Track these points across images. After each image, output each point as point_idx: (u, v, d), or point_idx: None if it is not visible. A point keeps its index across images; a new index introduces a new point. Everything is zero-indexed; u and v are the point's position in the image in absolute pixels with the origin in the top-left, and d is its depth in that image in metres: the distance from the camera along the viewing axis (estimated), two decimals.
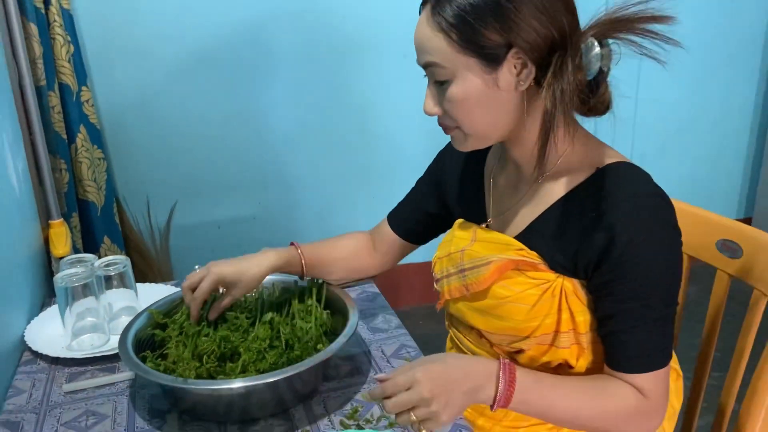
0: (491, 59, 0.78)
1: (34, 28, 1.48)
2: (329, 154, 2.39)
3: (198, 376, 0.90)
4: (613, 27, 0.79)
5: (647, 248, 0.78)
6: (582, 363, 0.86)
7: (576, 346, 0.85)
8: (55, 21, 1.59)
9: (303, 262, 1.07)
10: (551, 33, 0.78)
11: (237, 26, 2.14)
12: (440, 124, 0.88)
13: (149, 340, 1.01)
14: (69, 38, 1.64)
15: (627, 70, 0.84)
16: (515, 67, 0.79)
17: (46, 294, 1.34)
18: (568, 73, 0.77)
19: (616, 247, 0.78)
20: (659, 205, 0.80)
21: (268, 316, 1.01)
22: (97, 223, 1.74)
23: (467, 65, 0.79)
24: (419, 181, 1.14)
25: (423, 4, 0.83)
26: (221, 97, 2.21)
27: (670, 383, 0.92)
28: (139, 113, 2.13)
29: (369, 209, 2.48)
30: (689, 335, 1.27)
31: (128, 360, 0.91)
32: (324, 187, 2.42)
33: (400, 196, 1.17)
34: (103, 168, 1.79)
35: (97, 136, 1.76)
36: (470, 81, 0.80)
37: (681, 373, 0.98)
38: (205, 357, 0.93)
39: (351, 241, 1.16)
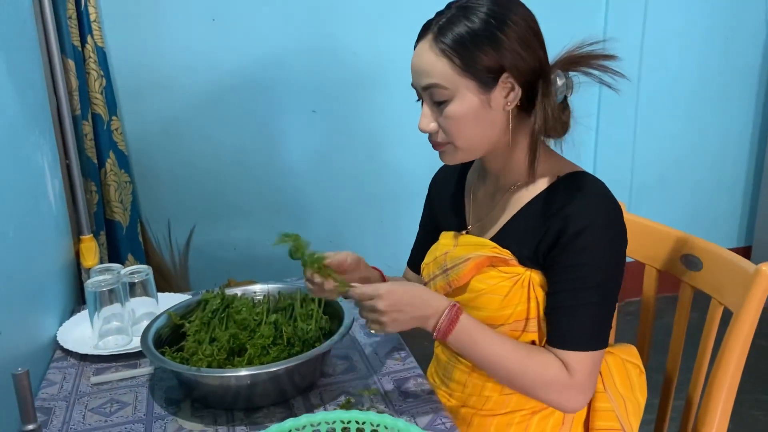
0: (486, 82, 0.91)
1: (71, 63, 1.65)
2: (340, 182, 2.52)
3: (209, 367, 1.02)
4: (573, 62, 0.93)
5: (593, 237, 0.91)
6: None
7: (539, 332, 0.97)
8: (90, 57, 1.76)
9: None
10: (533, 63, 0.92)
11: (255, 62, 2.31)
12: (432, 141, 0.99)
13: (167, 338, 1.13)
14: (102, 72, 1.80)
15: (625, 103, 0.97)
16: (504, 89, 0.92)
17: (76, 302, 1.48)
18: (552, 96, 0.92)
19: (568, 232, 0.91)
20: (609, 205, 0.93)
21: (273, 317, 1.13)
22: (123, 241, 1.89)
23: (466, 86, 0.91)
24: (421, 220, 1.27)
25: (423, 34, 0.94)
26: (239, 128, 2.37)
27: (633, 379, 1.03)
28: (163, 141, 2.29)
29: (377, 234, 2.61)
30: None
31: (149, 352, 1.03)
32: (334, 212, 2.55)
33: (407, 221, 1.29)
34: (129, 191, 1.93)
35: (124, 162, 1.91)
36: (468, 100, 0.92)
37: (643, 369, 1.08)
38: (215, 350, 1.05)
39: None
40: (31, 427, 0.84)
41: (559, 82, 0.94)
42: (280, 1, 2.26)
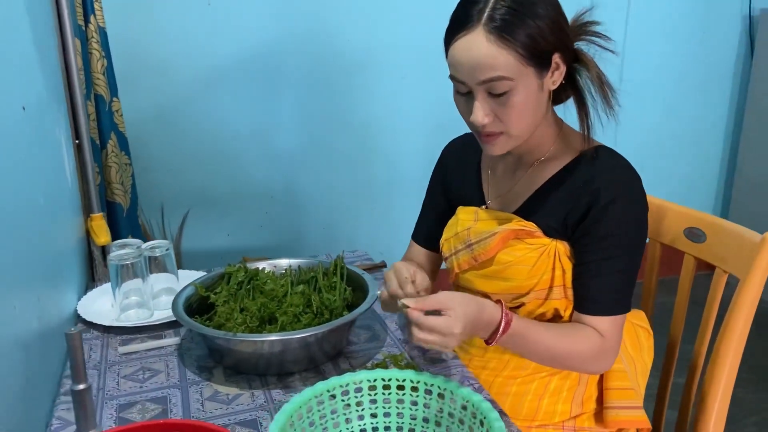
0: (543, 66, 0.93)
1: (78, 42, 1.64)
2: (333, 168, 2.55)
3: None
4: (577, 33, 0.99)
5: (621, 209, 0.96)
6: (568, 313, 1.03)
7: (565, 299, 1.02)
8: (92, 37, 1.75)
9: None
10: (571, 39, 0.97)
11: (250, 48, 2.32)
12: (485, 132, 0.97)
13: (195, 309, 1.15)
14: (103, 53, 1.79)
15: None
16: (552, 70, 0.95)
17: (89, 278, 1.48)
18: (595, 64, 0.97)
19: (598, 205, 0.96)
20: (634, 177, 0.99)
21: (300, 287, 1.16)
22: (123, 223, 1.88)
23: (527, 74, 0.92)
24: (428, 191, 1.28)
25: (466, 25, 0.90)
26: (234, 113, 2.38)
27: (642, 341, 1.09)
28: (158, 125, 2.29)
29: (370, 220, 2.64)
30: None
31: (184, 320, 1.05)
32: (327, 198, 2.58)
33: (399, 207, 1.31)
34: (129, 173, 1.93)
35: (124, 144, 1.90)
36: (529, 87, 0.93)
37: (651, 332, 1.15)
38: (247, 318, 1.08)
39: None
40: (82, 386, 0.86)
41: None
42: None
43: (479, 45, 0.90)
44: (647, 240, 1.04)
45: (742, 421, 2.09)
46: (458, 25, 0.92)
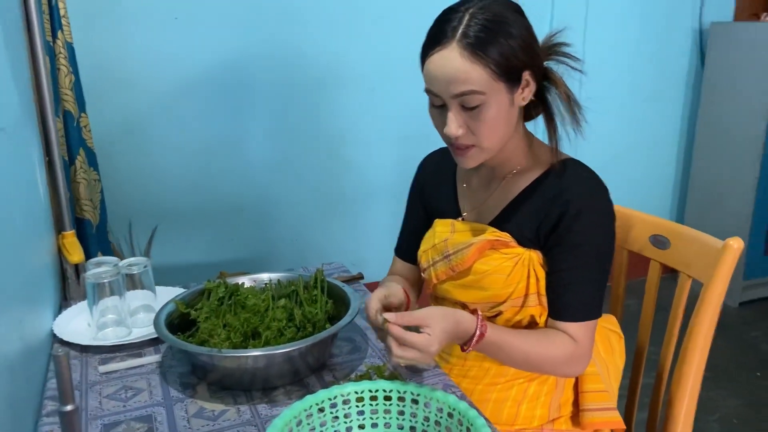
0: (514, 82, 0.98)
1: (47, 59, 1.62)
2: (302, 181, 2.56)
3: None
4: (549, 54, 1.04)
5: (590, 219, 1.01)
6: (543, 319, 1.08)
7: (539, 306, 1.06)
8: (60, 53, 1.73)
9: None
10: (541, 57, 1.01)
11: (217, 62, 2.32)
12: (458, 145, 1.01)
13: (176, 326, 1.15)
14: (71, 69, 1.78)
15: None
16: (522, 86, 0.99)
17: (62, 297, 1.46)
18: (563, 82, 1.03)
19: (569, 215, 1.01)
20: (601, 188, 1.04)
21: (282, 301, 1.18)
22: (92, 240, 1.85)
23: (499, 89, 0.96)
24: (407, 206, 1.31)
25: (440, 41, 0.95)
26: (201, 128, 2.37)
27: (614, 345, 1.14)
28: (125, 140, 2.27)
29: (340, 231, 2.66)
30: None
31: (167, 337, 1.06)
32: (298, 211, 2.59)
33: (370, 218, 1.33)
34: (98, 189, 1.90)
35: (93, 160, 1.88)
36: (501, 102, 0.97)
37: (622, 335, 1.20)
38: (231, 334, 1.09)
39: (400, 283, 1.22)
40: (70, 407, 0.86)
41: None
42: (242, 2, 2.29)
43: (453, 60, 0.94)
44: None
45: (704, 419, 2.17)
46: (434, 40, 0.97)
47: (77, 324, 1.29)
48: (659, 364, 1.23)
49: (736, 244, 1.07)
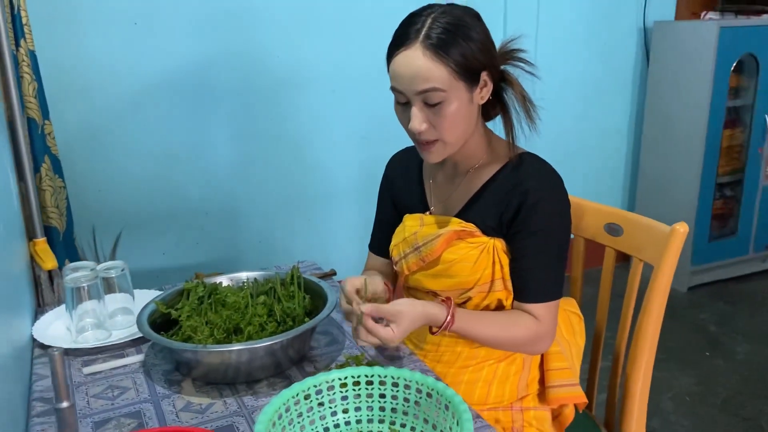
0: (473, 81, 1.06)
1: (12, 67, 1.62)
2: (267, 183, 2.59)
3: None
4: (505, 58, 1.13)
5: (548, 207, 1.10)
6: (509, 302, 1.16)
7: (505, 290, 1.14)
8: (23, 61, 1.73)
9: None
10: (497, 60, 1.09)
11: (178, 66, 2.34)
12: (422, 140, 1.09)
13: (158, 326, 1.18)
14: (34, 76, 1.78)
15: None
16: (481, 86, 1.07)
17: (36, 303, 1.47)
18: (518, 83, 1.11)
19: (527, 204, 1.09)
20: (557, 180, 1.13)
21: (261, 298, 1.22)
22: (59, 247, 1.85)
23: (458, 87, 1.04)
24: (378, 204, 1.38)
25: (405, 41, 1.02)
26: (164, 132, 2.38)
27: (575, 326, 1.23)
28: (87, 146, 2.27)
29: (305, 232, 2.70)
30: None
31: (153, 337, 1.09)
32: (262, 212, 2.62)
33: (335, 219, 1.39)
34: (63, 196, 1.90)
35: (58, 167, 1.88)
36: (461, 99, 1.05)
37: (581, 316, 1.29)
38: (214, 330, 1.13)
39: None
40: (66, 404, 0.89)
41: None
42: (202, 5, 2.31)
43: (416, 59, 1.01)
44: (572, 236, 1.18)
45: (659, 397, 2.30)
46: (399, 42, 1.05)
47: (56, 329, 1.31)
48: (615, 347, 1.32)
49: (682, 228, 1.17)
